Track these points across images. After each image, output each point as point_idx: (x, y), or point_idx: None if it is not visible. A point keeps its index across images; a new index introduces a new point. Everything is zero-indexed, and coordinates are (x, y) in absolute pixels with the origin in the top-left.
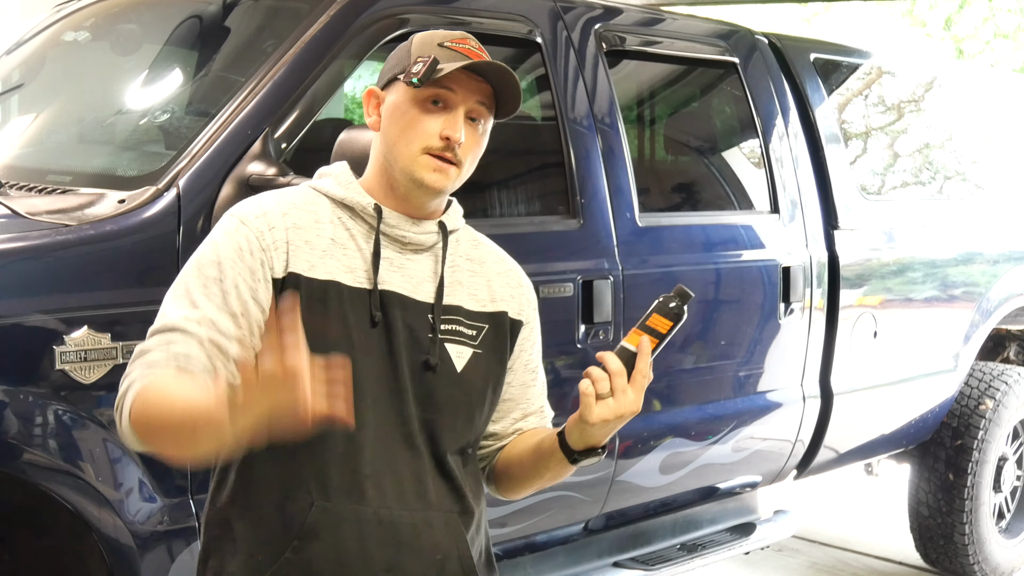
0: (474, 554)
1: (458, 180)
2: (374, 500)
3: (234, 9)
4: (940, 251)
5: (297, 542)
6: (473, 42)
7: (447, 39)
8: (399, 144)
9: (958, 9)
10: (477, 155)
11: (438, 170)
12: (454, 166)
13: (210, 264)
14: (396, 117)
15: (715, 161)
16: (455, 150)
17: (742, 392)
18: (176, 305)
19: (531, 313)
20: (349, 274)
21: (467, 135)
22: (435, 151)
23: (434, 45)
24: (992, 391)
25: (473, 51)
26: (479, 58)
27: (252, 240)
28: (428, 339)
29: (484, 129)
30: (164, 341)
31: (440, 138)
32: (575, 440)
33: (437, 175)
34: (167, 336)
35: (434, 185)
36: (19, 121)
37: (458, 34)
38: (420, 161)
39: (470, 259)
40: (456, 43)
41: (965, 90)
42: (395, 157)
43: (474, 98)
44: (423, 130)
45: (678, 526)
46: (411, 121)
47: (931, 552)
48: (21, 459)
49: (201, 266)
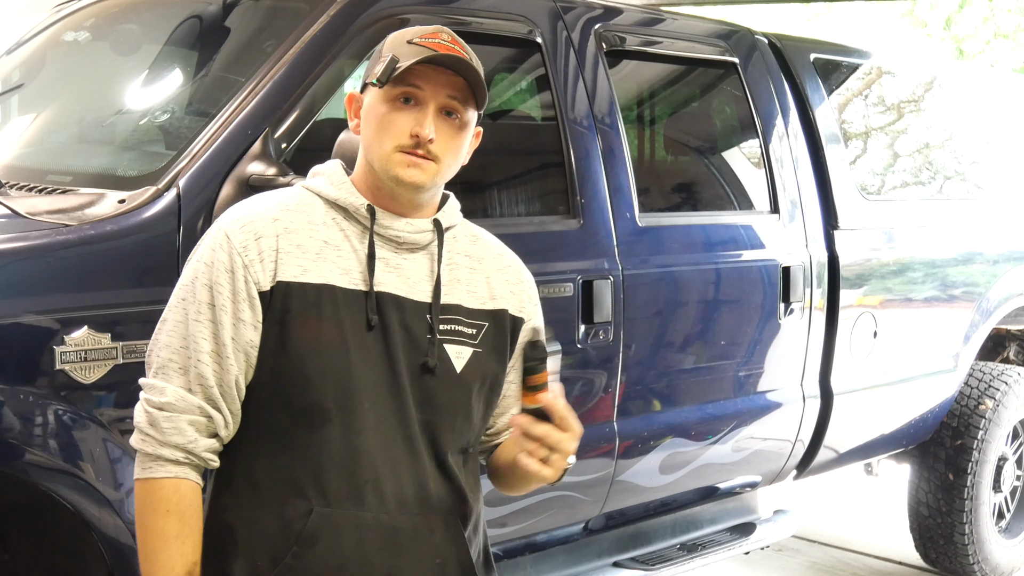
0: (473, 554)
1: (441, 175)
2: (374, 505)
3: (234, 9)
4: (940, 251)
5: (297, 548)
6: (445, 35)
7: (417, 35)
8: (374, 145)
9: (958, 9)
10: (458, 148)
11: (412, 165)
12: (430, 161)
13: (203, 287)
14: (370, 119)
15: (715, 161)
16: (427, 147)
17: (742, 392)
18: (176, 335)
19: (532, 310)
20: (344, 276)
21: (441, 130)
22: (407, 148)
23: (403, 43)
24: (992, 391)
25: (443, 44)
26: (449, 49)
27: (235, 257)
28: (426, 340)
29: (464, 121)
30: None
31: (410, 136)
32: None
33: (413, 170)
34: (172, 395)
35: (411, 180)
36: (19, 121)
37: (431, 29)
38: (394, 159)
39: (468, 255)
40: (425, 38)
41: (965, 90)
42: (373, 158)
43: (444, 92)
44: (394, 129)
45: (678, 526)
46: (382, 121)
47: (931, 552)
48: (21, 459)
49: (195, 290)
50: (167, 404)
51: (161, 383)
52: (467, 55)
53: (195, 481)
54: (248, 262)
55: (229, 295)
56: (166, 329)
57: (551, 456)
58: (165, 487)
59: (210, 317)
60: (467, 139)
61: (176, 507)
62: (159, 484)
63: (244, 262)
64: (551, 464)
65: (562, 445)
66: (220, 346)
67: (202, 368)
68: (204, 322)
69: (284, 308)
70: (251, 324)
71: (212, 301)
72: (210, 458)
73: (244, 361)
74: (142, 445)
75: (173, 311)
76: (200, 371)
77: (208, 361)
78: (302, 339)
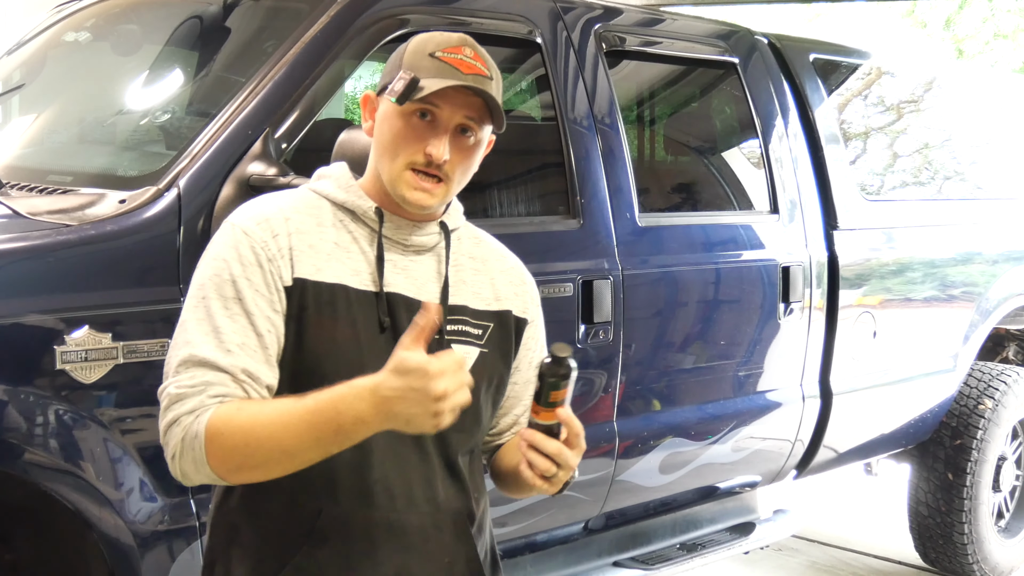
0: (480, 554)
1: (451, 193)
2: (383, 505)
3: (234, 9)
4: (939, 251)
5: (306, 548)
6: (468, 50)
7: (440, 47)
8: (385, 157)
9: (958, 9)
10: (470, 166)
11: (420, 189)
12: (440, 183)
13: (226, 283)
14: (384, 129)
15: (715, 161)
16: (441, 166)
17: (742, 392)
18: (200, 332)
19: (535, 311)
20: (355, 277)
21: (455, 149)
22: (419, 167)
23: (425, 55)
24: (991, 391)
25: (466, 61)
26: (471, 68)
27: (259, 251)
28: (435, 341)
29: (478, 139)
30: (201, 382)
31: (424, 154)
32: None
33: (420, 194)
34: (200, 374)
35: (417, 203)
36: (20, 121)
37: (455, 40)
38: (404, 177)
39: (472, 257)
40: (448, 52)
41: (965, 90)
42: (383, 170)
43: (462, 113)
44: (407, 146)
45: (678, 526)
46: (396, 135)
47: (930, 552)
48: (22, 459)
49: (217, 286)
50: (191, 387)
51: (185, 375)
52: (488, 72)
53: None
54: (271, 256)
55: (262, 286)
56: (186, 329)
57: (557, 472)
58: (219, 411)
59: (240, 311)
60: (479, 155)
61: (243, 400)
62: (215, 416)
63: (268, 256)
64: (554, 480)
65: (570, 462)
66: (258, 336)
67: (233, 359)
68: (235, 316)
69: (301, 305)
70: (282, 315)
71: (239, 295)
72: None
73: (279, 352)
74: (175, 428)
75: (193, 311)
76: (232, 361)
77: (240, 353)
78: (318, 338)
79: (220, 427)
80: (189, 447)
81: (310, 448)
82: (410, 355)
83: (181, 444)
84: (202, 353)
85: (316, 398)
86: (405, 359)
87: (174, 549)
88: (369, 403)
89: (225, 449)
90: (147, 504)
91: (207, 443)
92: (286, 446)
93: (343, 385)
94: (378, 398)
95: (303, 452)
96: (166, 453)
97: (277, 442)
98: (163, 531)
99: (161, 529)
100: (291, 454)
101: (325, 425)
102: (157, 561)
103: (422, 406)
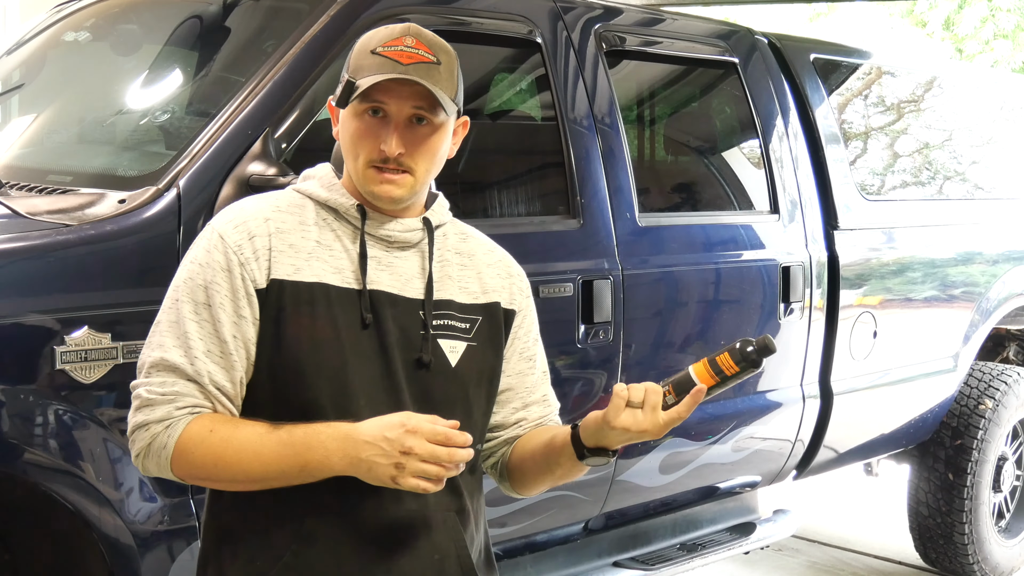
0: (473, 553)
1: (420, 182)
2: (373, 503)
3: (234, 9)
4: (940, 251)
5: (296, 546)
6: (409, 39)
7: (381, 43)
8: (349, 159)
9: (958, 9)
10: (434, 152)
11: (385, 182)
12: (405, 174)
13: (198, 288)
14: (343, 132)
15: (715, 161)
16: (398, 160)
17: (742, 392)
18: (171, 335)
19: (523, 301)
20: (337, 275)
21: (410, 140)
22: (377, 163)
23: (367, 52)
24: (992, 391)
25: (406, 52)
26: (412, 58)
27: (231, 256)
28: (420, 336)
29: (435, 124)
30: (171, 392)
31: (378, 151)
32: (588, 436)
33: (387, 186)
34: (170, 382)
35: (385, 195)
36: (20, 121)
37: (397, 31)
38: (368, 175)
39: (459, 252)
40: (388, 46)
41: (965, 90)
42: (350, 170)
43: (409, 104)
44: (364, 144)
45: (678, 526)
46: (353, 135)
47: (931, 552)
48: (22, 459)
49: (191, 290)
50: (161, 395)
51: (156, 379)
52: (433, 57)
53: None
54: (244, 260)
55: (228, 293)
56: (159, 331)
57: (636, 411)
58: (191, 428)
59: (208, 317)
60: (444, 140)
61: (216, 420)
62: (186, 432)
63: (240, 260)
64: (627, 412)
65: (655, 413)
66: (221, 343)
67: (199, 366)
68: (202, 322)
69: (279, 306)
70: (250, 321)
71: (209, 301)
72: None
73: (246, 359)
74: (143, 432)
75: (167, 312)
76: (197, 368)
77: (205, 360)
78: (297, 337)
79: (190, 446)
80: (155, 453)
81: (274, 478)
82: (404, 412)
83: (148, 448)
84: (172, 358)
85: (290, 431)
86: (396, 414)
87: (174, 549)
88: (339, 443)
89: (193, 465)
90: (147, 504)
91: (175, 456)
92: (251, 473)
93: (323, 424)
94: (349, 441)
95: (267, 480)
96: (131, 447)
97: (243, 468)
98: (163, 531)
99: (161, 529)
100: (255, 480)
101: (292, 459)
102: (157, 561)
103: (387, 457)
